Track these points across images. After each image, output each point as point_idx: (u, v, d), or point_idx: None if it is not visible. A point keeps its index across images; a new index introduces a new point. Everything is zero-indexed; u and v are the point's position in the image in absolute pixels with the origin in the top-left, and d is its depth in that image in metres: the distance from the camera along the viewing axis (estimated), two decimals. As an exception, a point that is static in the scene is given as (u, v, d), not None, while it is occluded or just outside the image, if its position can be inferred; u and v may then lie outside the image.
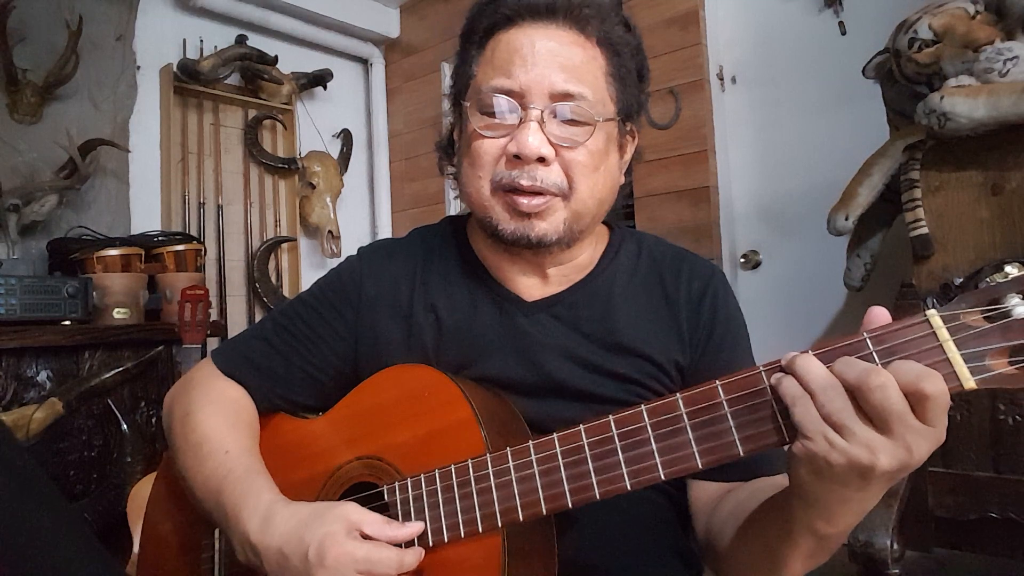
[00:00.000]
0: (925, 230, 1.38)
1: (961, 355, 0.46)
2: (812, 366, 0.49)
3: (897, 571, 1.10)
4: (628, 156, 0.80)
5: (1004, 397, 1.22)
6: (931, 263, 1.39)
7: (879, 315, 0.50)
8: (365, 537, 0.61)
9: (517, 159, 0.69)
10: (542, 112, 0.69)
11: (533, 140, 0.68)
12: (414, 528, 0.62)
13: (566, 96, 0.69)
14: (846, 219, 1.53)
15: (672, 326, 0.77)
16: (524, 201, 0.70)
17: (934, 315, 0.48)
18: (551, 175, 0.69)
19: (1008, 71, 1.27)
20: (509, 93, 0.70)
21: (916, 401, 0.45)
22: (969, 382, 0.46)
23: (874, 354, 0.48)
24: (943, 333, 0.47)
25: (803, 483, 0.51)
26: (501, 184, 0.71)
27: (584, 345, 0.74)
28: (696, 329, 0.77)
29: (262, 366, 0.80)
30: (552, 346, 0.74)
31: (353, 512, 0.62)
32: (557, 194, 0.70)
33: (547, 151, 0.68)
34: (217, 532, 0.77)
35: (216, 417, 0.75)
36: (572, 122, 0.70)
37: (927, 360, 0.47)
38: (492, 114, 0.71)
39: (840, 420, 0.47)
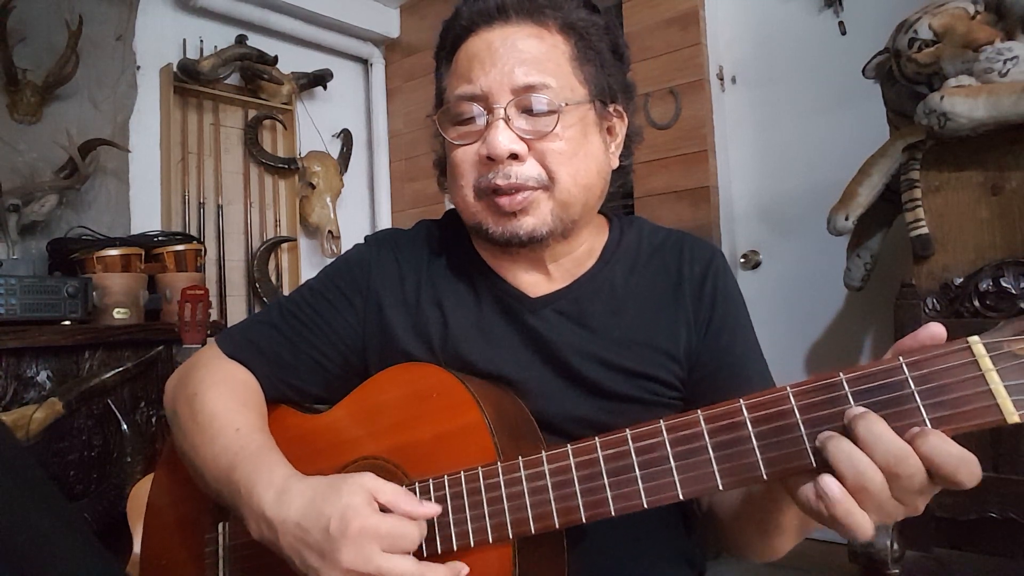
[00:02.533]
0: (925, 230, 1.38)
1: (1005, 387, 0.43)
2: (878, 425, 0.46)
3: (897, 571, 1.10)
4: (620, 138, 0.79)
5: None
6: (931, 263, 1.39)
7: (935, 332, 0.47)
8: (381, 507, 0.60)
9: (491, 161, 0.69)
10: (506, 109, 0.69)
11: (502, 139, 0.68)
12: (431, 508, 0.61)
13: (528, 88, 0.69)
14: (846, 219, 1.53)
15: (679, 312, 0.76)
16: (505, 201, 0.69)
17: (976, 342, 0.45)
18: (527, 170, 0.69)
19: (1008, 71, 1.27)
20: (473, 98, 0.71)
21: (943, 480, 0.45)
22: (1013, 416, 0.43)
23: (910, 380, 0.46)
24: (986, 362, 0.44)
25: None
26: (482, 188, 0.71)
27: (592, 340, 0.74)
28: (699, 312, 0.76)
29: (269, 352, 0.79)
30: (560, 342, 0.74)
31: (369, 482, 0.60)
32: (537, 187, 0.70)
33: (518, 147, 0.68)
34: (221, 526, 0.77)
35: (225, 396, 0.74)
36: (540, 114, 0.69)
37: (968, 390, 0.44)
38: (463, 122, 0.72)
39: (877, 504, 0.46)
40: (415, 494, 0.64)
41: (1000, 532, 1.23)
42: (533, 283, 0.78)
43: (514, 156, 0.69)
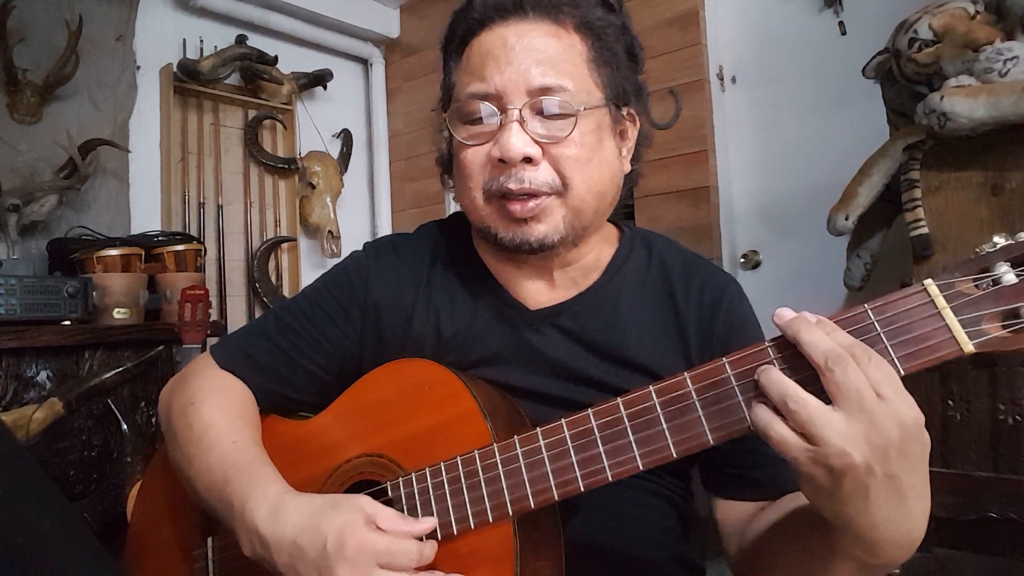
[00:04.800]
0: (925, 230, 1.38)
1: (959, 320, 0.49)
2: (773, 379, 0.50)
3: (897, 571, 1.10)
4: (632, 142, 0.76)
5: (1004, 397, 1.22)
6: (931, 263, 1.39)
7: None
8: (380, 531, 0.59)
9: (503, 163, 0.67)
10: (521, 111, 0.66)
11: (516, 141, 0.65)
12: (428, 524, 0.61)
13: (544, 90, 0.66)
14: (846, 219, 1.53)
15: (679, 340, 0.74)
16: (517, 207, 0.67)
17: (931, 284, 0.50)
18: (540, 175, 0.67)
19: (1008, 71, 1.27)
20: (486, 97, 0.68)
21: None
22: (968, 346, 0.48)
23: (876, 324, 0.50)
24: (940, 301, 0.49)
25: (815, 505, 0.50)
26: (492, 191, 0.68)
27: (587, 359, 0.73)
28: (707, 343, 0.74)
29: (264, 364, 0.78)
30: (554, 358, 0.73)
31: (368, 505, 0.60)
32: (550, 193, 0.68)
33: (532, 151, 0.66)
34: (210, 540, 0.76)
35: (220, 408, 0.73)
36: (555, 116, 0.66)
37: (927, 327, 0.49)
38: (474, 121, 0.69)
39: (798, 422, 0.48)
40: (412, 484, 0.63)
41: (1000, 532, 1.23)
42: (535, 291, 0.76)
43: (528, 160, 0.66)
